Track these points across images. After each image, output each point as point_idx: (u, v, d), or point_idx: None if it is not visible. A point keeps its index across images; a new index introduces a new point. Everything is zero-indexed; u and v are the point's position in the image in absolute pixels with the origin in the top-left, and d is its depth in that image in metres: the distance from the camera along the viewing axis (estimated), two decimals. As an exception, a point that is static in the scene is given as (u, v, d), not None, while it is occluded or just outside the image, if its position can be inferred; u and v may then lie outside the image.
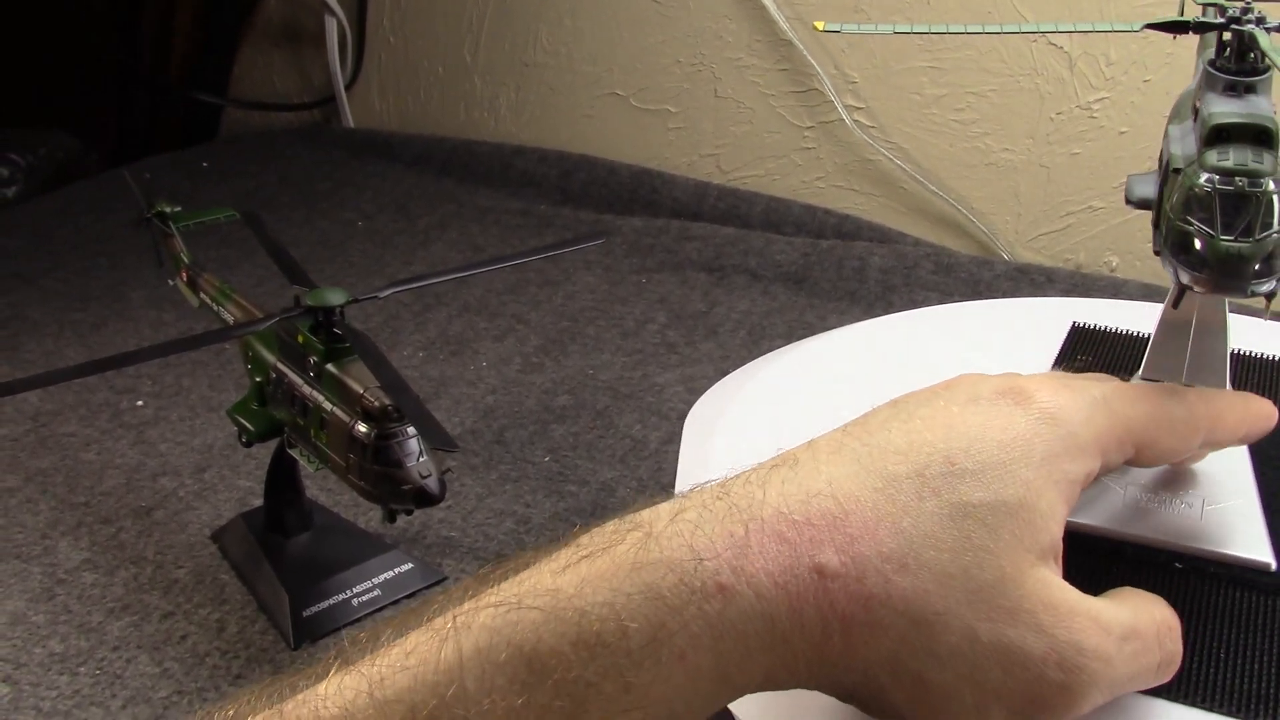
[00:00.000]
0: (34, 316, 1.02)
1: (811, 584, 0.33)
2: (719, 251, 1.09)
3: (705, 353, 0.92)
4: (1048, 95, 1.06)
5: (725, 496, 0.35)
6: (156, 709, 0.57)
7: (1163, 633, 0.37)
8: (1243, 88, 0.40)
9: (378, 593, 0.64)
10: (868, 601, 0.33)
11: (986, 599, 0.33)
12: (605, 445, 0.79)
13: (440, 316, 0.99)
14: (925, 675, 0.33)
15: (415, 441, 0.55)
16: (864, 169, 1.17)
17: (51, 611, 0.64)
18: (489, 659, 0.32)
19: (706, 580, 0.32)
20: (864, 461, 0.35)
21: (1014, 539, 0.34)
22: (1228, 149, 0.37)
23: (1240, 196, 0.36)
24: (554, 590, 0.33)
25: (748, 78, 1.21)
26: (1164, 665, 0.37)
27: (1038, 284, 0.99)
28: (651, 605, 0.32)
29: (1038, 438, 0.36)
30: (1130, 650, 0.35)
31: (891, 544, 0.33)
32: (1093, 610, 0.35)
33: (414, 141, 1.41)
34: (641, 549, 0.33)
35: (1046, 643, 0.33)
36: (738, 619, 0.32)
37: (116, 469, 0.78)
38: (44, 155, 1.44)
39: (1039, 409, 0.37)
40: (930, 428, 0.36)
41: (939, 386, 0.39)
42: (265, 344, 0.64)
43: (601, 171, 1.27)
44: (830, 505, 0.34)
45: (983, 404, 0.37)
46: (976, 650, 0.33)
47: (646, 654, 0.32)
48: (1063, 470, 0.36)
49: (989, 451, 0.35)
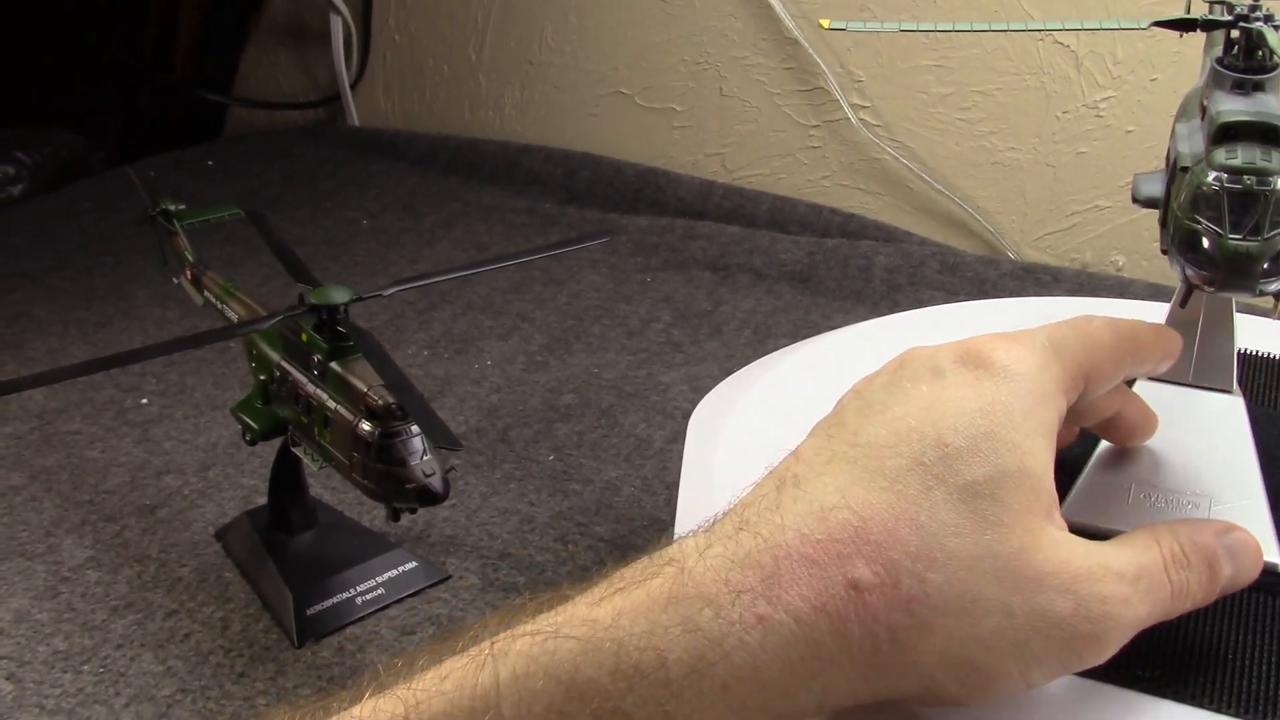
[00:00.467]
0: (39, 314, 1.02)
1: (850, 601, 0.33)
2: (724, 250, 1.09)
3: (710, 352, 0.92)
4: (1054, 94, 1.06)
5: (745, 527, 0.35)
6: (160, 707, 0.57)
7: (1169, 565, 0.37)
8: (1250, 86, 0.40)
9: (381, 591, 0.64)
10: (909, 605, 0.33)
11: (1013, 572, 0.34)
12: (610, 444, 0.79)
13: (445, 315, 0.99)
14: (975, 660, 0.34)
15: (419, 440, 0.55)
16: (869, 168, 1.17)
17: (55, 609, 0.64)
18: (526, 686, 0.32)
19: (744, 612, 0.33)
20: (861, 464, 0.35)
21: (1023, 506, 0.34)
22: (1235, 147, 0.37)
23: (1248, 195, 0.36)
24: (591, 621, 0.33)
25: (753, 76, 1.21)
26: (1177, 596, 0.37)
27: (1044, 283, 0.99)
28: (690, 637, 0.32)
29: (1012, 397, 0.36)
30: (1144, 588, 0.36)
31: (916, 542, 0.33)
32: (1106, 558, 0.35)
33: (419, 140, 1.41)
34: (676, 583, 0.33)
35: (1073, 601, 0.34)
36: (779, 648, 0.32)
37: (121, 467, 0.78)
38: (49, 154, 1.44)
39: (1001, 368, 0.37)
40: (910, 414, 0.36)
41: (893, 367, 0.39)
42: (269, 342, 0.64)
43: (607, 170, 1.27)
44: (847, 516, 0.34)
45: (948, 376, 0.37)
46: (1015, 625, 0.34)
47: (686, 685, 0.32)
48: (1041, 422, 0.36)
49: (974, 423, 0.35)
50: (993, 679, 0.34)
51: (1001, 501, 0.34)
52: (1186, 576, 0.37)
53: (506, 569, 0.66)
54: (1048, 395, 0.37)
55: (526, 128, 1.39)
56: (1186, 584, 0.37)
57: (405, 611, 0.64)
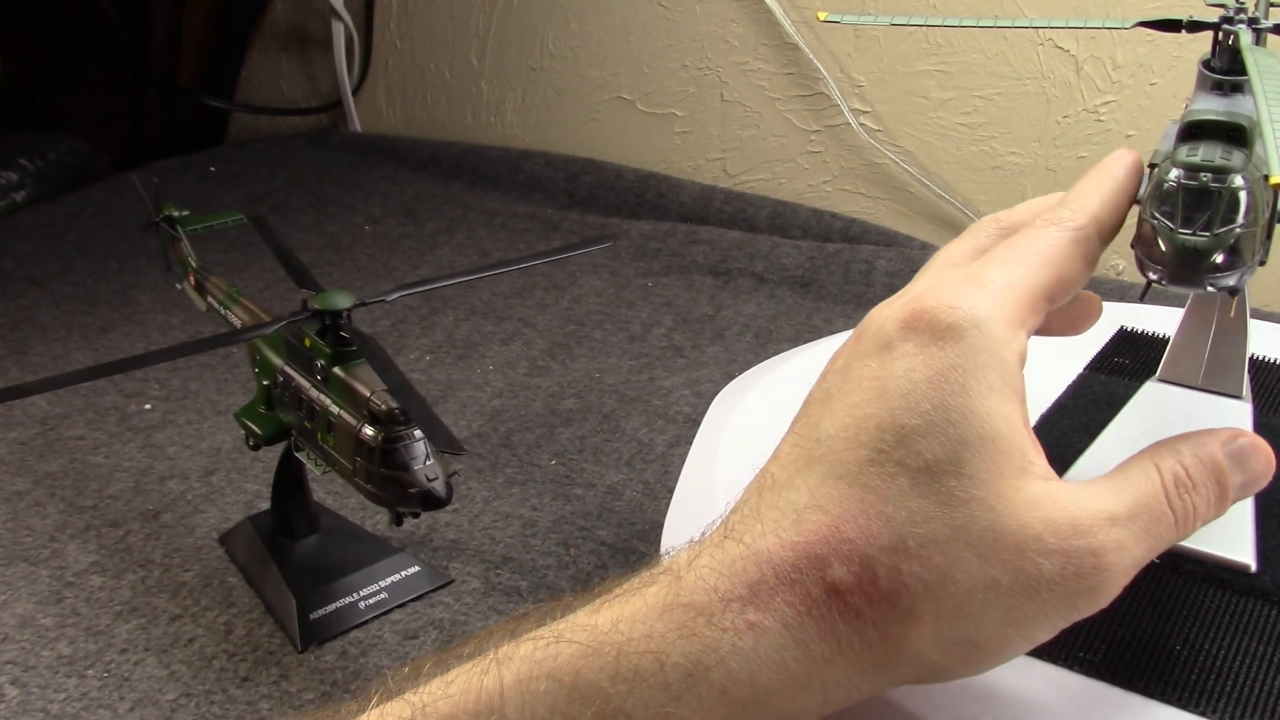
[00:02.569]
0: (43, 320, 1.02)
1: (832, 604, 0.33)
2: (725, 255, 1.09)
3: (712, 356, 0.92)
4: (1054, 99, 1.06)
5: (730, 535, 0.35)
6: (164, 711, 0.57)
7: (1171, 491, 0.36)
8: (1229, 86, 0.41)
9: (385, 595, 0.64)
10: (890, 599, 0.33)
11: (992, 545, 0.33)
12: (612, 449, 0.79)
13: (447, 320, 1.00)
14: (970, 637, 0.33)
15: (422, 445, 0.55)
16: (870, 172, 1.17)
17: (60, 614, 0.64)
18: (529, 689, 0.32)
19: (735, 619, 0.33)
20: (827, 461, 0.35)
21: (990, 473, 0.34)
22: (1198, 145, 0.37)
23: (1203, 192, 0.36)
24: (591, 626, 0.34)
25: (754, 81, 1.21)
26: (1182, 522, 0.36)
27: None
28: (686, 643, 0.33)
29: (961, 358, 0.35)
30: (1141, 524, 0.35)
31: (886, 534, 0.33)
32: (1095, 502, 0.34)
33: (421, 146, 1.41)
34: (670, 591, 0.34)
35: (1060, 560, 0.33)
36: (772, 652, 0.33)
37: (124, 472, 0.78)
38: (53, 160, 1.44)
39: (946, 327, 0.35)
40: (864, 400, 0.35)
41: (851, 342, 0.38)
42: (272, 347, 0.64)
43: (608, 175, 1.27)
44: (819, 518, 0.34)
45: (896, 348, 0.36)
46: (1003, 597, 0.33)
47: (685, 688, 0.32)
48: (998, 375, 0.35)
49: (926, 397, 0.34)
50: (994, 649, 0.34)
51: (967, 475, 0.33)
52: (1190, 500, 0.36)
53: (509, 573, 0.67)
54: (1001, 341, 0.35)
55: (528, 133, 1.39)
56: (1191, 507, 0.36)
57: (408, 615, 0.64)
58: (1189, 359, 0.48)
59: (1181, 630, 0.43)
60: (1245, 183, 0.36)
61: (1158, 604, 0.44)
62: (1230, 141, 0.38)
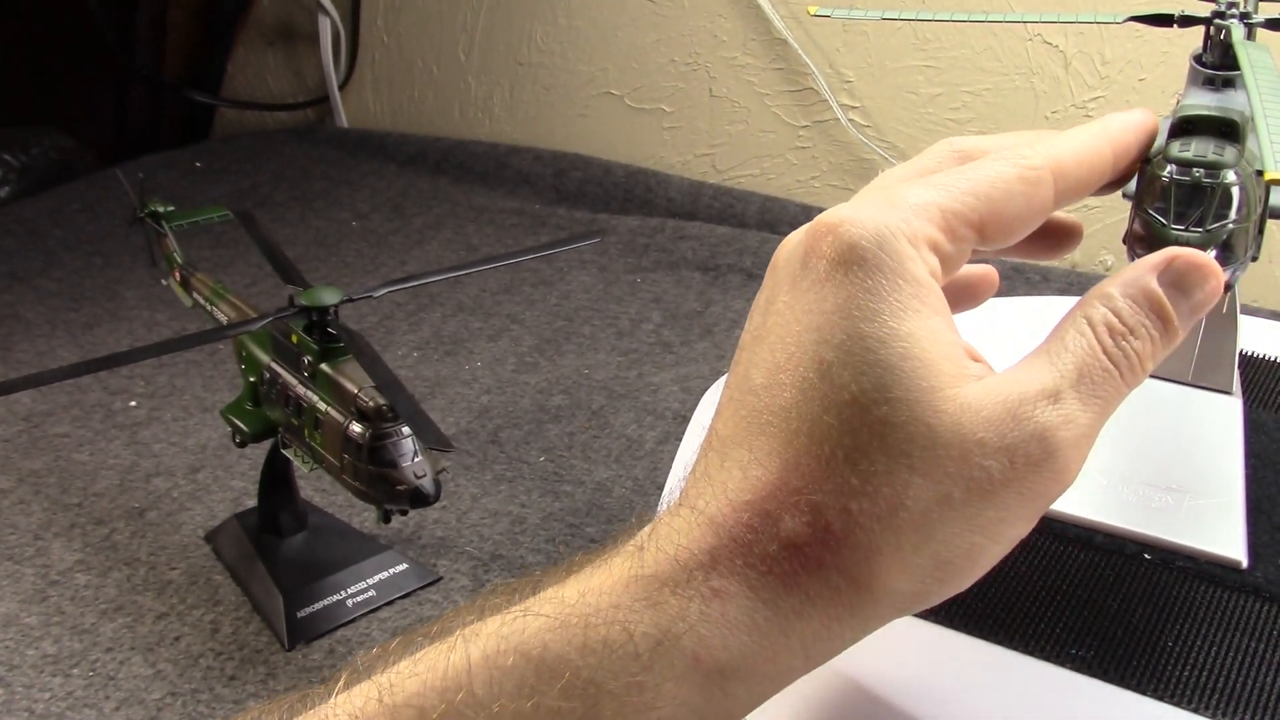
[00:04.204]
0: (27, 316, 1.01)
1: (791, 558, 0.32)
2: (714, 251, 1.09)
3: (701, 352, 0.92)
4: (1043, 94, 1.06)
5: (685, 502, 0.34)
6: (150, 710, 0.57)
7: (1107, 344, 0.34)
8: (1221, 82, 0.41)
9: (373, 593, 0.64)
10: (847, 540, 0.32)
11: (935, 462, 0.32)
12: (601, 445, 0.79)
13: (434, 317, 0.99)
14: (941, 556, 0.32)
15: (410, 441, 0.55)
16: (859, 168, 1.17)
17: (44, 613, 0.64)
18: (496, 664, 0.32)
19: (700, 587, 0.32)
20: (760, 412, 0.34)
21: (919, 391, 0.32)
22: (1190, 141, 0.37)
23: (1195, 188, 0.36)
24: (558, 600, 0.33)
25: (743, 77, 1.21)
26: (1129, 372, 0.34)
27: (1033, 282, 0.99)
28: (654, 612, 0.32)
29: (868, 279, 0.33)
30: (1085, 390, 0.33)
31: (829, 477, 0.32)
32: (1029, 383, 0.33)
33: (408, 141, 1.40)
34: (634, 562, 0.33)
35: (1006, 457, 0.32)
36: (742, 615, 0.32)
37: (110, 470, 0.78)
38: (37, 155, 1.43)
39: (848, 244, 0.34)
40: (784, 339, 0.34)
41: (768, 275, 0.37)
42: (259, 344, 0.64)
43: (596, 171, 1.27)
44: (761, 472, 0.33)
45: (804, 278, 0.34)
46: (961, 509, 0.32)
47: (655, 657, 0.31)
48: (910, 292, 0.33)
49: (839, 327, 0.33)
50: (970, 561, 0.33)
51: (896, 400, 0.32)
52: (1131, 345, 0.34)
53: (498, 570, 0.66)
54: (906, 257, 0.34)
55: (516, 128, 1.39)
56: (1134, 353, 0.34)
57: (396, 613, 0.64)
58: (1178, 354, 0.48)
59: (1173, 627, 0.43)
60: (1238, 178, 0.36)
61: (1149, 600, 0.44)
62: (1223, 137, 0.37)
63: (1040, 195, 0.36)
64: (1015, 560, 0.46)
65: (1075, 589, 0.45)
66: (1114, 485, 0.49)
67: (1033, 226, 0.37)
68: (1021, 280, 1.00)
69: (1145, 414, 0.49)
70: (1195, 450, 0.51)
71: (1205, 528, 0.46)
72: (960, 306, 0.42)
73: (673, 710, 0.32)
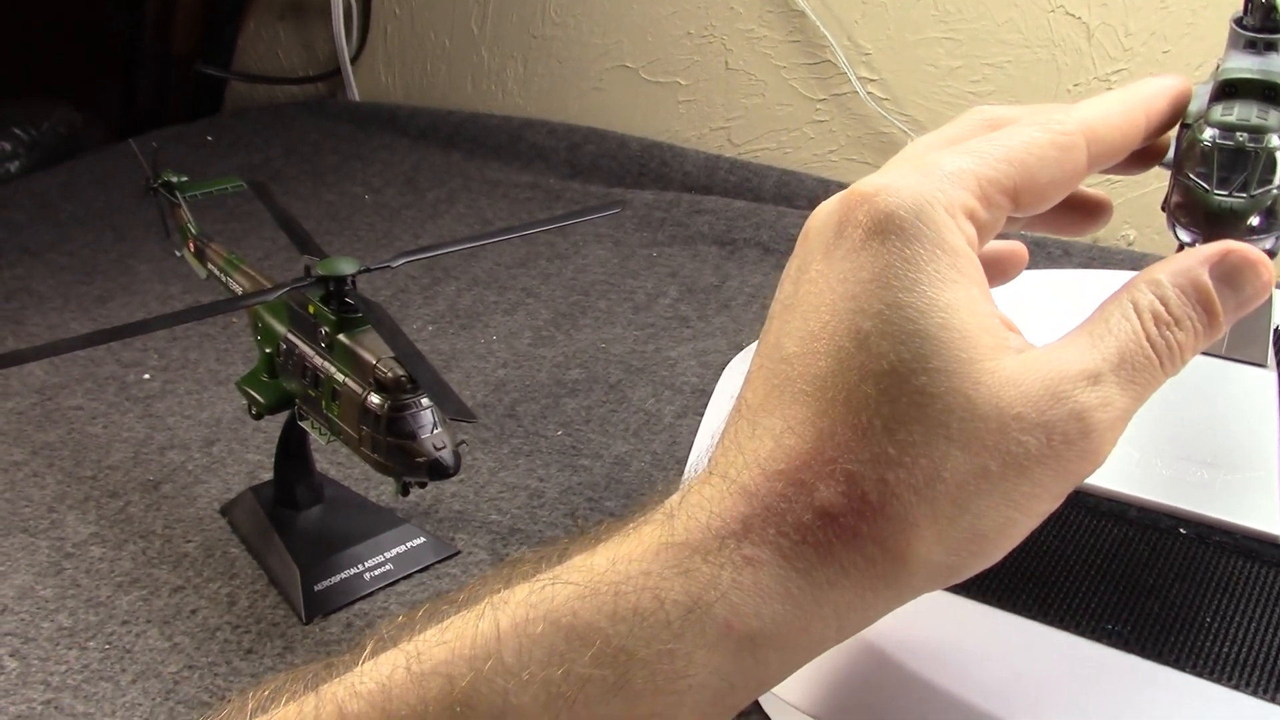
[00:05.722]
0: (40, 290, 1.01)
1: (826, 528, 0.32)
2: (731, 225, 1.08)
3: (718, 326, 0.91)
4: (1065, 67, 1.05)
5: (715, 470, 0.34)
6: (167, 683, 0.56)
7: (1151, 332, 0.34)
8: (1263, 45, 0.40)
9: (390, 567, 0.63)
10: (883, 510, 0.32)
11: (973, 435, 0.32)
12: (618, 419, 0.78)
13: (449, 290, 0.98)
14: (974, 529, 0.32)
15: (430, 413, 0.54)
16: (877, 142, 1.16)
17: (60, 585, 0.63)
18: (525, 632, 0.31)
19: (732, 555, 0.32)
20: (793, 381, 0.34)
21: (958, 362, 0.32)
22: (1234, 104, 0.37)
23: (1239, 152, 0.36)
24: (587, 568, 0.32)
25: (759, 49, 1.20)
26: (1169, 361, 0.34)
27: (1054, 257, 0.98)
28: (685, 580, 0.31)
29: (905, 249, 0.33)
30: (1125, 374, 0.33)
31: (865, 447, 0.32)
32: (1071, 363, 0.33)
33: (421, 114, 1.39)
34: (665, 530, 0.33)
35: (1044, 433, 0.32)
36: (775, 583, 0.32)
37: (124, 442, 0.77)
38: (47, 129, 1.42)
39: (885, 213, 0.33)
40: (817, 308, 0.34)
41: (800, 243, 0.37)
42: (275, 315, 0.63)
43: (611, 145, 1.25)
44: (795, 441, 0.33)
45: (838, 247, 0.34)
46: (997, 482, 0.32)
47: (687, 625, 0.31)
48: (947, 262, 0.33)
49: (877, 297, 0.33)
50: (1004, 535, 0.33)
51: (935, 370, 0.32)
52: (1174, 335, 0.34)
53: (516, 544, 0.66)
54: (943, 226, 0.33)
55: (530, 102, 1.37)
56: (1176, 344, 0.34)
57: (414, 587, 0.63)
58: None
59: (1211, 602, 0.42)
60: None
61: (1186, 576, 0.43)
62: (1266, 100, 0.37)
63: (1074, 160, 0.36)
64: (1048, 535, 0.45)
65: (1109, 564, 0.45)
66: (1148, 459, 0.48)
67: (1066, 192, 0.37)
68: (1043, 254, 0.98)
69: (1179, 387, 0.48)
70: (1230, 424, 0.50)
71: (1241, 502, 0.46)
72: (991, 282, 0.41)
73: (704, 678, 0.31)
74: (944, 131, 0.39)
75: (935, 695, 0.39)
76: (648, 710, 0.31)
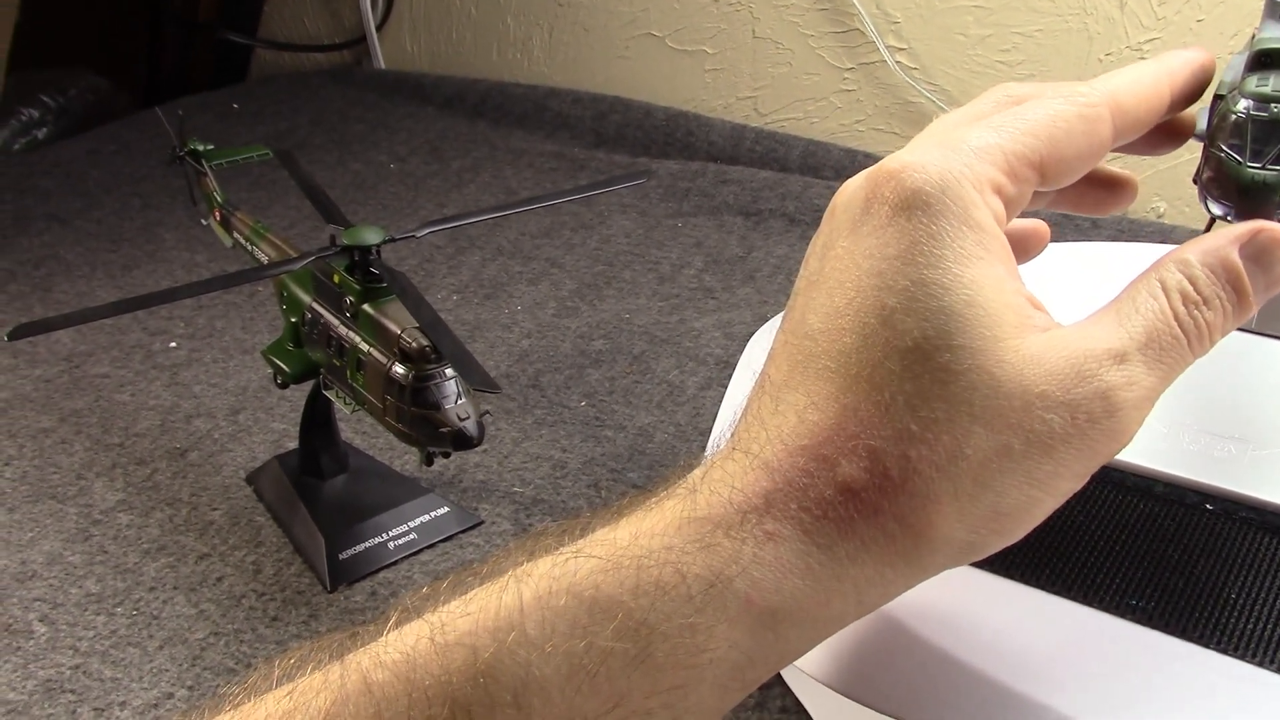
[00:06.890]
0: (67, 257, 1.01)
1: (848, 503, 0.32)
2: (756, 195, 1.07)
3: (743, 298, 0.91)
4: (1097, 35, 1.03)
5: (738, 445, 0.34)
6: (194, 649, 0.57)
7: (1180, 311, 0.33)
8: None
9: (414, 536, 0.64)
10: (905, 487, 0.32)
11: (997, 412, 0.32)
12: (642, 390, 0.78)
13: (474, 260, 0.98)
14: (996, 507, 0.32)
15: (454, 383, 0.54)
16: (905, 112, 1.15)
17: (88, 552, 0.64)
18: (549, 605, 0.31)
19: (754, 529, 0.32)
20: (817, 356, 0.33)
21: (983, 340, 0.32)
22: (1269, 75, 0.36)
23: (1273, 123, 0.35)
24: (610, 541, 0.33)
25: (786, 18, 1.18)
26: (1197, 341, 0.33)
27: (1083, 229, 0.97)
28: (707, 554, 0.32)
29: (932, 225, 0.33)
30: (1152, 354, 0.33)
31: (888, 423, 0.32)
32: (1097, 341, 0.33)
33: (446, 83, 1.39)
34: (687, 505, 0.33)
35: (1069, 412, 0.32)
36: (795, 558, 0.32)
37: (151, 410, 0.78)
38: (74, 97, 1.43)
39: (912, 190, 0.33)
40: (845, 281, 0.34)
41: (826, 219, 0.36)
42: (300, 284, 0.63)
43: (637, 114, 1.25)
44: (819, 417, 0.32)
45: (865, 223, 0.34)
46: (1020, 461, 0.32)
47: (708, 599, 0.31)
48: (974, 240, 0.33)
49: (902, 273, 0.32)
50: (1023, 513, 0.33)
51: (959, 346, 0.32)
52: (1203, 315, 0.33)
53: (539, 514, 0.66)
54: (970, 203, 0.33)
55: (555, 70, 1.37)
56: (1205, 323, 0.33)
57: (438, 556, 0.63)
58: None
59: (1237, 578, 0.42)
60: None
61: (1212, 551, 0.43)
62: None
63: (1099, 132, 0.36)
64: (1074, 510, 0.45)
65: (1135, 539, 0.44)
66: (1175, 434, 0.47)
67: (1092, 164, 0.37)
68: (1071, 227, 0.97)
69: (1206, 362, 0.48)
70: (1257, 399, 0.50)
71: (1269, 478, 0.45)
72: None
73: (725, 652, 0.31)
74: (968, 109, 0.38)
75: (957, 669, 0.39)
76: (669, 683, 0.31)
